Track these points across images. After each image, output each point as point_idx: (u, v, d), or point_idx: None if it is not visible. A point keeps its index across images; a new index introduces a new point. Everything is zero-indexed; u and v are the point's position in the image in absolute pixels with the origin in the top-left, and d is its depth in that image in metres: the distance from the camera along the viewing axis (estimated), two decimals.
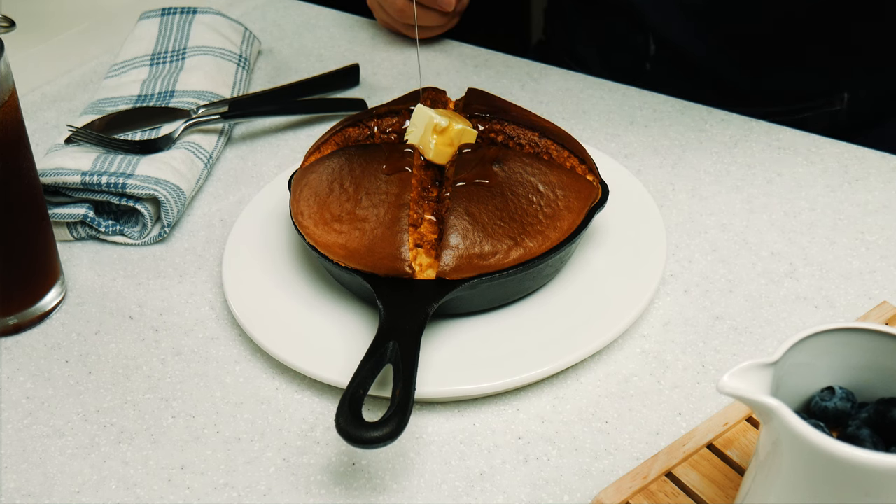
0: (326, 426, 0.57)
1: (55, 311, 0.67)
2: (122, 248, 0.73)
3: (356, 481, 0.54)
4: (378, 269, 0.58)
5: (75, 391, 0.61)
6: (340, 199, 0.61)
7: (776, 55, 0.91)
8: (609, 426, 0.56)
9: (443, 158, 0.63)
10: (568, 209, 0.61)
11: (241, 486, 0.54)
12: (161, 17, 0.93)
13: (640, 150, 0.78)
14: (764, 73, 0.92)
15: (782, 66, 0.91)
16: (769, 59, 0.91)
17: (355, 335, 0.61)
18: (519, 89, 0.88)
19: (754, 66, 0.92)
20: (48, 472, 0.56)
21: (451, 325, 0.61)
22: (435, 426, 0.57)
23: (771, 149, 0.77)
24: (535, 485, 0.53)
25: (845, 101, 0.92)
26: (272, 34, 1.01)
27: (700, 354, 0.60)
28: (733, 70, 0.93)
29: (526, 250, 0.59)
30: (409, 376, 0.52)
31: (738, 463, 0.51)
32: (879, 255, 0.66)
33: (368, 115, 0.67)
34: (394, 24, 0.96)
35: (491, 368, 0.57)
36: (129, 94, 0.84)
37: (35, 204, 0.66)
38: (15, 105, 0.62)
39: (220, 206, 0.77)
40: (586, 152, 0.66)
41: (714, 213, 0.71)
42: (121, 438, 0.58)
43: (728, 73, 0.93)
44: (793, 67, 0.91)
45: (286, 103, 0.87)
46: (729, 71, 0.93)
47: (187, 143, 0.78)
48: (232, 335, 0.64)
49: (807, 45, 0.89)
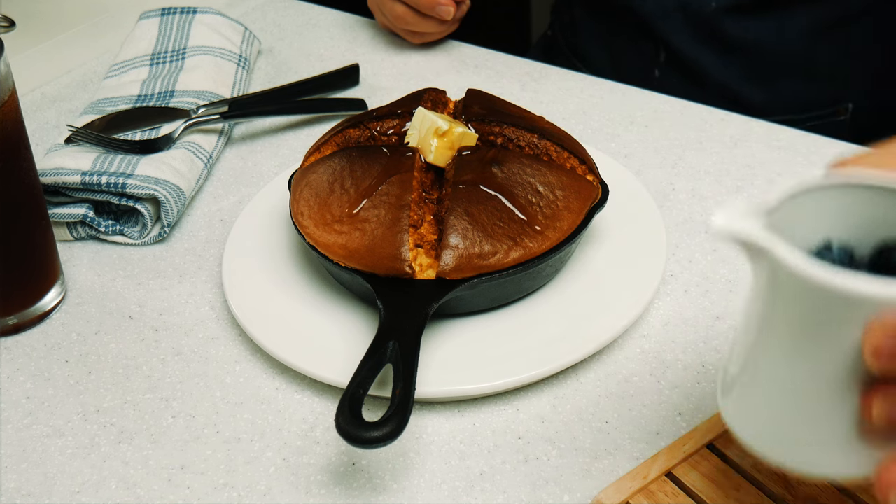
0: (326, 426, 0.57)
1: (55, 311, 0.67)
2: (122, 248, 0.73)
3: (356, 481, 0.54)
4: (378, 269, 0.58)
5: (75, 391, 0.61)
6: (341, 199, 0.61)
7: (782, 65, 0.91)
8: (609, 426, 0.56)
9: (443, 161, 0.63)
10: (568, 209, 0.61)
11: (241, 486, 0.54)
12: (161, 17, 0.93)
13: (640, 150, 0.78)
14: (769, 83, 0.92)
15: (788, 76, 0.91)
16: (774, 69, 0.91)
17: (355, 335, 0.61)
18: (519, 89, 0.88)
19: (760, 75, 0.92)
20: (48, 472, 0.56)
21: (451, 325, 0.61)
22: (435, 426, 0.57)
23: (771, 149, 0.77)
24: (535, 485, 0.53)
25: (850, 111, 0.92)
26: (272, 34, 1.01)
27: (700, 354, 0.60)
28: (740, 79, 0.93)
29: (526, 250, 0.59)
30: (409, 376, 0.52)
31: (738, 463, 0.51)
32: None
33: (369, 116, 0.67)
34: (393, 28, 0.96)
35: (491, 368, 0.57)
36: (129, 94, 0.84)
37: (35, 204, 0.66)
38: (15, 105, 0.62)
39: (220, 206, 0.77)
40: (586, 152, 0.66)
41: (714, 213, 0.71)
42: (121, 438, 0.58)
43: (734, 82, 0.93)
44: (798, 77, 0.91)
45: (286, 103, 0.87)
46: (735, 80, 0.93)
47: (187, 143, 0.78)
48: (232, 335, 0.64)
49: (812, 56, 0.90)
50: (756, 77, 0.92)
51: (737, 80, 0.93)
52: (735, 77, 0.93)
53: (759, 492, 0.49)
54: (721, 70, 0.93)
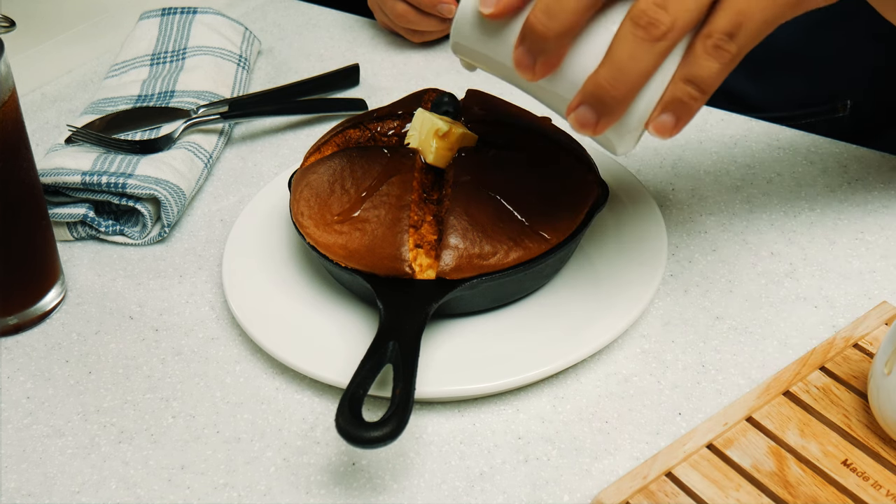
0: (326, 426, 0.57)
1: (55, 311, 0.67)
2: (122, 248, 0.73)
3: (356, 481, 0.54)
4: (378, 269, 0.58)
5: (75, 391, 0.61)
6: (341, 199, 0.61)
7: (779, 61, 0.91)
8: (609, 426, 0.56)
9: (443, 162, 0.63)
10: (568, 209, 0.61)
11: (241, 486, 0.54)
12: (161, 17, 0.93)
13: (640, 150, 0.78)
14: (767, 80, 0.92)
15: (785, 72, 0.91)
16: (772, 65, 0.91)
17: (355, 335, 0.61)
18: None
19: (757, 72, 0.92)
20: (48, 472, 0.56)
21: (451, 325, 0.61)
22: (435, 426, 0.57)
23: (771, 149, 0.77)
24: (535, 485, 0.53)
25: (848, 108, 0.92)
26: (272, 34, 1.01)
27: (700, 354, 0.60)
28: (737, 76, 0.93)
29: (526, 250, 0.59)
30: (409, 376, 0.52)
31: (738, 463, 0.51)
32: (879, 255, 0.66)
33: (369, 117, 0.67)
34: (393, 27, 0.96)
35: (491, 368, 0.57)
36: (129, 94, 0.84)
37: (35, 204, 0.66)
38: (15, 105, 0.62)
39: (220, 206, 0.77)
40: (586, 152, 0.66)
41: (714, 213, 0.71)
42: (121, 438, 0.58)
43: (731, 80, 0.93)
44: (796, 74, 0.91)
45: (286, 103, 0.87)
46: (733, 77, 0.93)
47: (187, 143, 0.78)
48: (232, 335, 0.64)
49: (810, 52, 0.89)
50: (753, 74, 0.92)
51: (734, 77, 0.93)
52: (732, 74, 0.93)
53: (759, 492, 0.49)
54: None
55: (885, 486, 0.49)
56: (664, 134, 0.49)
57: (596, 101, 0.47)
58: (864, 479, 0.49)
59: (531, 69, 0.48)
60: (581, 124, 0.48)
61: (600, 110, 0.48)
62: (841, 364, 0.56)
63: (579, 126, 0.48)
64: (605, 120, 0.48)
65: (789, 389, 0.54)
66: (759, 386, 0.55)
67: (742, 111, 0.83)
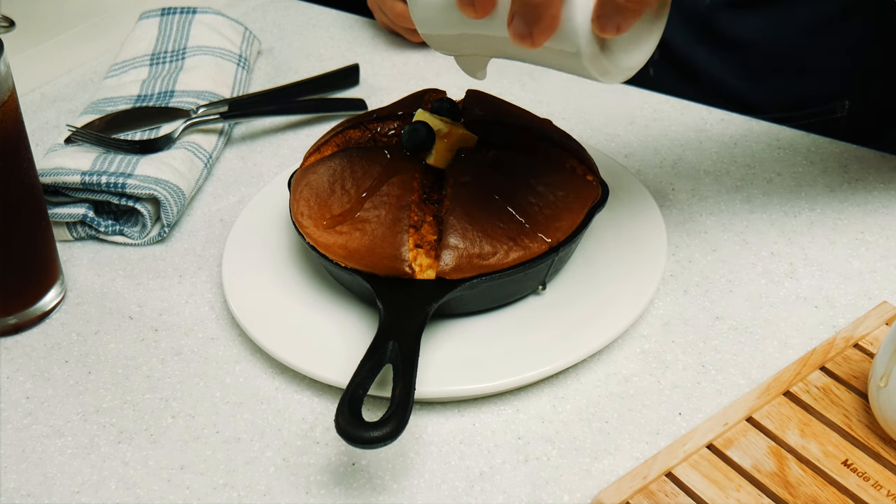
0: (326, 426, 0.57)
1: (55, 311, 0.67)
2: (121, 248, 0.73)
3: (356, 481, 0.54)
4: (378, 269, 0.58)
5: (75, 391, 0.61)
6: (341, 199, 0.61)
7: (777, 62, 0.91)
8: (609, 426, 0.56)
9: (443, 163, 0.63)
10: (568, 210, 0.61)
11: (240, 486, 0.54)
12: (161, 17, 0.93)
13: (640, 150, 0.78)
14: (765, 80, 0.92)
15: (784, 73, 0.91)
16: (770, 66, 0.91)
17: (355, 335, 0.61)
18: (519, 89, 0.88)
19: (755, 72, 0.92)
20: (48, 472, 0.56)
21: (451, 325, 0.61)
22: (435, 426, 0.57)
23: (771, 149, 0.77)
24: (535, 485, 0.53)
25: (846, 108, 0.92)
26: (272, 34, 1.01)
27: (700, 354, 0.60)
28: (735, 77, 0.93)
29: (526, 250, 0.59)
30: (409, 376, 0.52)
31: (738, 463, 0.51)
32: (879, 255, 0.66)
33: (369, 117, 0.67)
34: (393, 27, 0.96)
35: (491, 368, 0.57)
36: (129, 94, 0.84)
37: (35, 204, 0.66)
38: (15, 105, 0.62)
39: (220, 206, 0.77)
40: (586, 152, 0.66)
41: (714, 213, 0.71)
42: (120, 438, 0.57)
43: (730, 80, 0.93)
44: (794, 74, 0.91)
45: (286, 103, 0.87)
46: (731, 77, 0.93)
47: (187, 143, 0.78)
48: (232, 335, 0.64)
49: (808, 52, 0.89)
50: (752, 74, 0.92)
51: (732, 78, 0.93)
52: (730, 74, 0.93)
53: (759, 492, 0.49)
54: (716, 67, 0.93)
55: (886, 486, 0.49)
56: (609, 30, 0.47)
57: (524, 8, 0.46)
58: (865, 479, 0.49)
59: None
60: (517, 36, 0.47)
61: (530, 17, 0.46)
62: (841, 364, 0.56)
63: (518, 38, 0.47)
64: (537, 29, 0.46)
65: (789, 389, 0.54)
66: (760, 386, 0.55)
67: (742, 111, 0.83)
